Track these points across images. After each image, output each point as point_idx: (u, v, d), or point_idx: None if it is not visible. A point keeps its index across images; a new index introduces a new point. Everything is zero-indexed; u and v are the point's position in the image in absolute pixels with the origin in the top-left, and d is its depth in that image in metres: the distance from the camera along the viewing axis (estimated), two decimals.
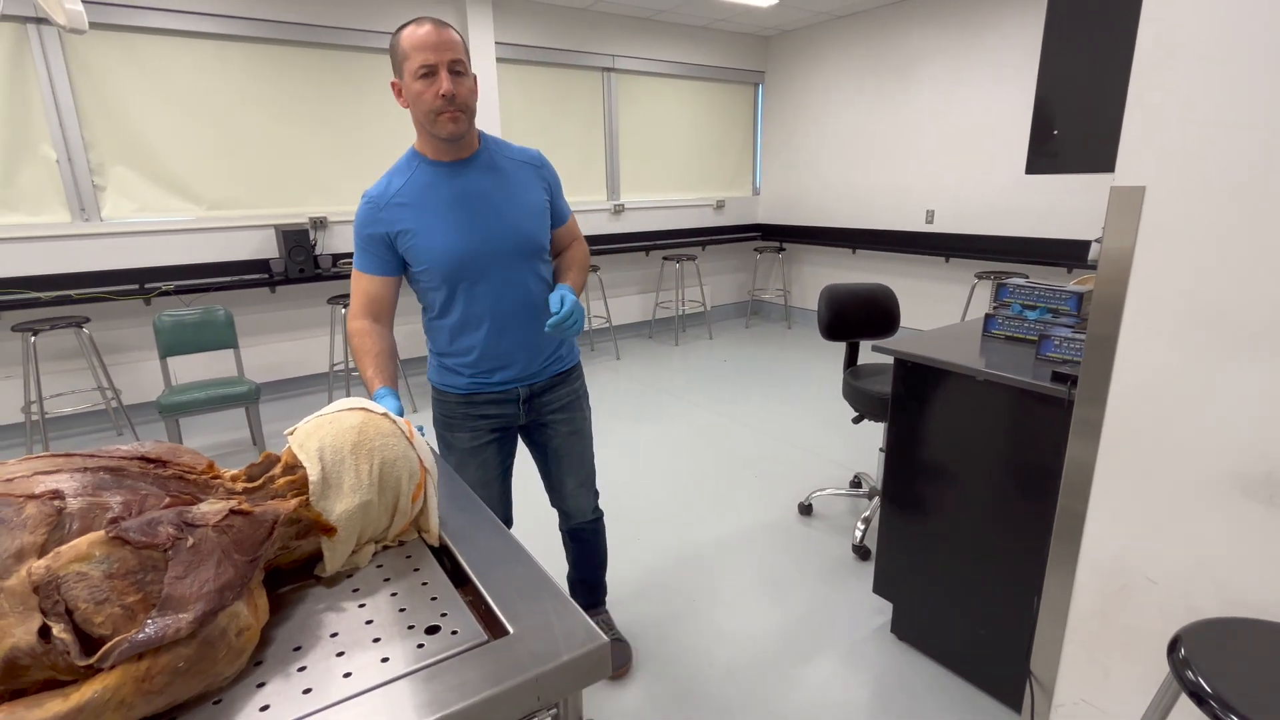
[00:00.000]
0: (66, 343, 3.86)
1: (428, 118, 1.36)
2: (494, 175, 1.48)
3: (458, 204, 1.44)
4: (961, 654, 1.89)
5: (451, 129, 1.37)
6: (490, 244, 1.45)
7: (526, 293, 1.52)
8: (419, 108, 1.36)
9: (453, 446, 1.65)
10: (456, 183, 1.45)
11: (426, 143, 1.44)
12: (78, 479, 0.70)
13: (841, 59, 5.84)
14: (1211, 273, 1.14)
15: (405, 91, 1.37)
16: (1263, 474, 1.12)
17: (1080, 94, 1.45)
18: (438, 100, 1.33)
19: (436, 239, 1.42)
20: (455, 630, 0.76)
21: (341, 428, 0.88)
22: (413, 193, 1.43)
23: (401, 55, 1.35)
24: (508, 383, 1.59)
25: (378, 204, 1.43)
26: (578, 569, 1.99)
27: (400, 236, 1.43)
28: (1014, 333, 1.93)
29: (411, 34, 1.33)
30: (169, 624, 0.61)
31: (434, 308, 1.54)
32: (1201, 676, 0.92)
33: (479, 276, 1.47)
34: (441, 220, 1.42)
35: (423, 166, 1.45)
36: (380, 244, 1.44)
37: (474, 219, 1.44)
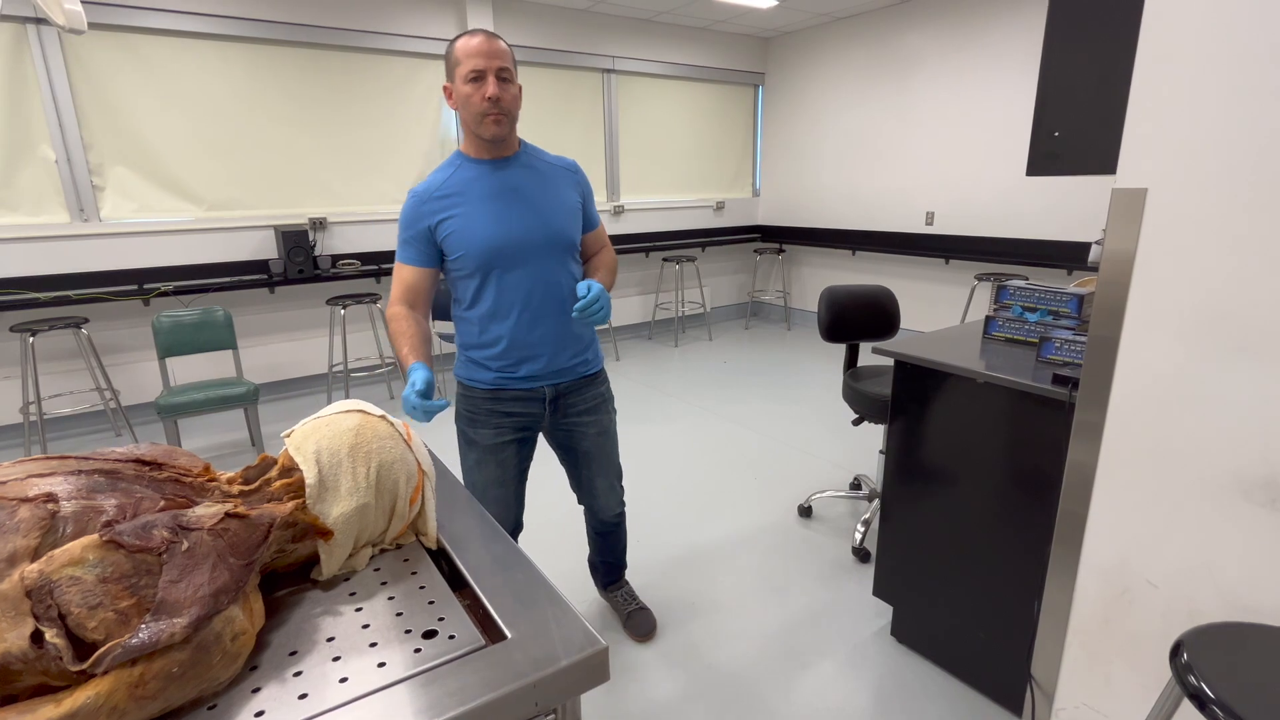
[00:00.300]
0: (65, 343, 3.85)
1: (475, 118, 1.48)
2: (532, 174, 1.59)
3: (497, 196, 1.54)
4: (962, 657, 1.88)
5: (495, 130, 1.49)
6: (525, 235, 1.54)
7: (557, 286, 1.59)
8: (467, 109, 1.48)
9: (474, 442, 1.68)
10: (497, 177, 1.56)
11: (471, 143, 1.57)
12: (72, 482, 0.70)
13: (841, 60, 5.84)
14: (1213, 275, 1.13)
15: (455, 94, 1.50)
16: (1264, 477, 1.12)
17: (1082, 95, 1.45)
18: (485, 103, 1.46)
19: (475, 227, 1.52)
20: (453, 635, 0.75)
21: (338, 430, 0.87)
22: (456, 186, 1.55)
23: (454, 61, 1.47)
24: (534, 378, 1.63)
25: (422, 198, 1.54)
26: (601, 554, 2.10)
27: (440, 226, 1.53)
28: (1014, 335, 1.93)
29: (465, 42, 1.45)
30: (163, 629, 0.61)
31: (466, 298, 1.60)
32: (1204, 681, 0.91)
33: (512, 265, 1.54)
34: (480, 210, 1.52)
35: (466, 164, 1.57)
36: (422, 237, 1.54)
37: (511, 211, 1.54)
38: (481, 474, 1.70)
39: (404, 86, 4.73)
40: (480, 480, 1.71)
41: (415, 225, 1.54)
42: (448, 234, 1.53)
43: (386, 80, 4.65)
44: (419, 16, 4.65)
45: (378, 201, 4.79)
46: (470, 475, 1.72)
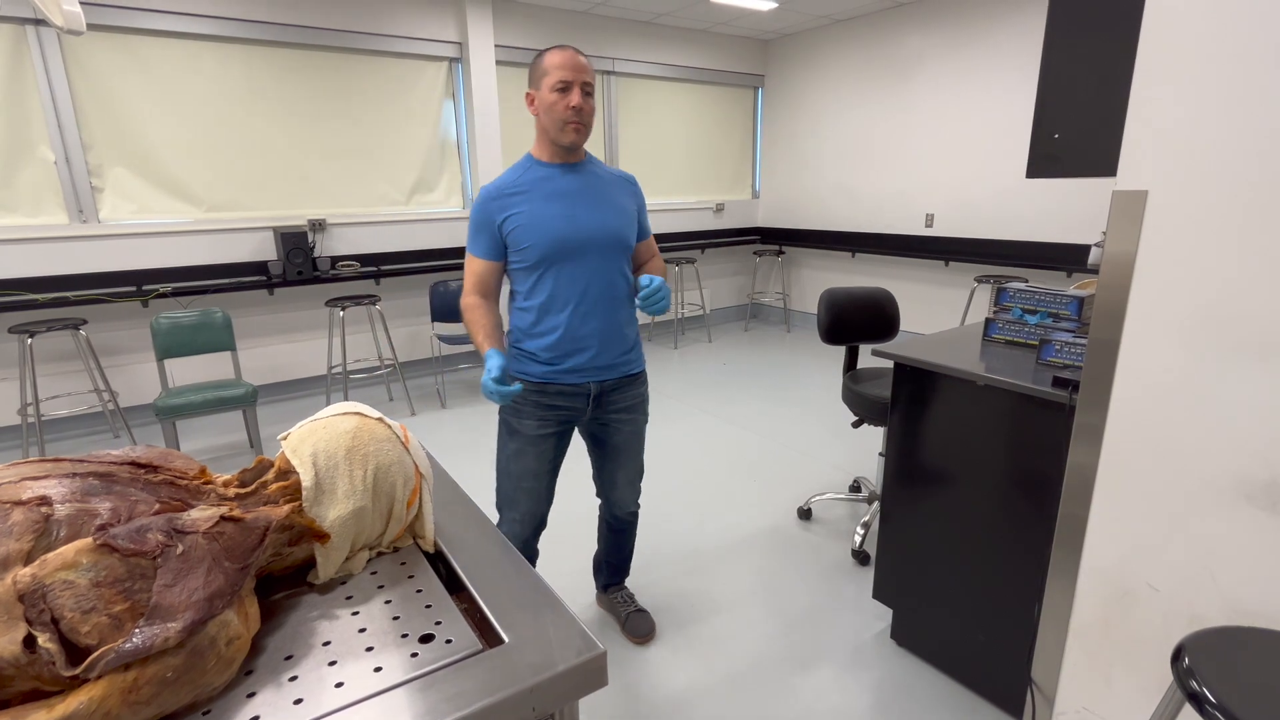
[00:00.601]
0: (63, 345, 3.85)
1: (556, 125, 1.60)
2: (595, 180, 1.72)
3: (562, 196, 1.66)
4: (962, 660, 1.88)
5: (573, 138, 1.62)
6: (585, 232, 1.65)
7: (611, 283, 1.70)
8: (550, 116, 1.60)
9: (517, 432, 1.75)
10: (564, 179, 1.68)
11: (545, 147, 1.68)
12: (66, 485, 0.69)
13: (841, 62, 5.84)
14: (1214, 278, 1.13)
15: (539, 101, 1.61)
16: (1266, 480, 1.12)
17: (1082, 97, 1.45)
18: (568, 111, 1.58)
19: (541, 221, 1.63)
20: (450, 639, 0.75)
21: (335, 433, 0.86)
22: (525, 185, 1.66)
23: (542, 71, 1.59)
24: (580, 371, 1.71)
25: (493, 195, 1.65)
26: (609, 553, 2.15)
27: (508, 220, 1.64)
28: (1014, 337, 1.93)
29: (555, 55, 1.58)
30: (157, 633, 0.60)
31: (525, 289, 1.70)
32: (1206, 685, 0.91)
33: (572, 259, 1.65)
34: (546, 206, 1.64)
35: (536, 166, 1.68)
36: (489, 229, 1.65)
37: (574, 209, 1.65)
38: (519, 464, 1.77)
39: (404, 88, 4.73)
40: (517, 470, 1.77)
41: (485, 219, 1.65)
42: (515, 227, 1.63)
43: (386, 82, 4.65)
44: (418, 18, 4.65)
45: (377, 203, 4.79)
46: (508, 464, 1.79)
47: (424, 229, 4.96)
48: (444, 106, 4.95)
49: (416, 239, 4.94)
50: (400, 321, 4.92)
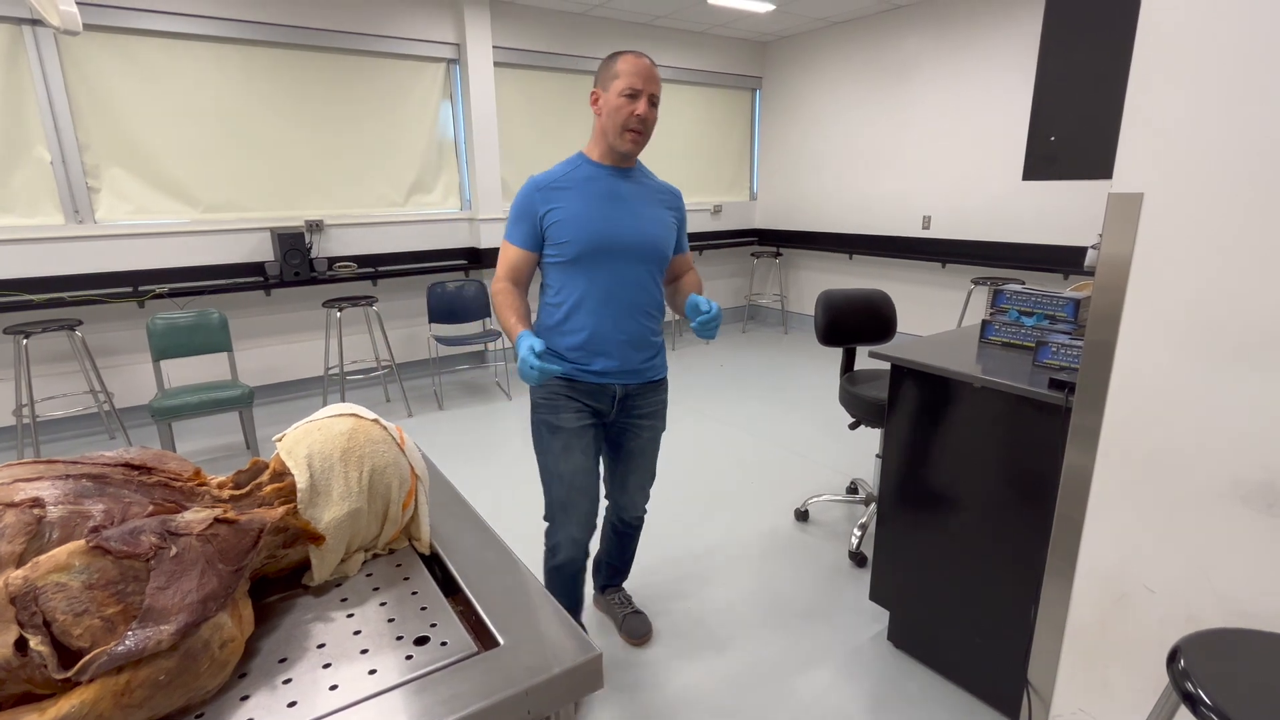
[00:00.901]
0: (59, 345, 3.83)
1: (617, 129, 1.60)
2: (641, 188, 1.72)
3: (607, 198, 1.66)
4: (959, 662, 1.88)
5: (632, 146, 1.62)
6: (625, 237, 1.65)
7: (642, 290, 1.70)
8: (614, 119, 1.60)
9: (560, 428, 1.72)
10: (611, 183, 1.68)
11: (599, 148, 1.68)
12: (59, 486, 0.69)
13: (839, 65, 5.85)
14: (1210, 280, 1.13)
15: (604, 102, 1.61)
16: (1262, 482, 1.12)
17: (1078, 100, 1.45)
18: (633, 118, 1.58)
19: (581, 219, 1.63)
20: (445, 641, 0.74)
21: (331, 434, 0.86)
22: (572, 182, 1.67)
23: (613, 74, 1.59)
24: (606, 374, 1.71)
25: (539, 186, 1.66)
26: (611, 555, 2.13)
27: (550, 213, 1.64)
28: (1011, 339, 1.93)
29: (629, 60, 1.58)
30: (149, 636, 0.60)
31: (556, 284, 1.69)
32: (1201, 688, 0.91)
33: (608, 261, 1.65)
34: (590, 206, 1.64)
35: (586, 164, 1.69)
36: (530, 220, 1.65)
37: (617, 212, 1.66)
38: (568, 461, 1.72)
39: (401, 89, 4.73)
40: (567, 469, 1.72)
41: (528, 209, 1.65)
42: (556, 221, 1.63)
43: (384, 83, 4.65)
44: (416, 20, 4.65)
45: (375, 204, 4.78)
46: (555, 465, 1.74)
47: (421, 230, 4.96)
48: (442, 108, 4.94)
49: (414, 240, 4.93)
50: (397, 323, 4.91)
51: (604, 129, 1.63)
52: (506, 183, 5.27)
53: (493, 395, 4.67)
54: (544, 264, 1.71)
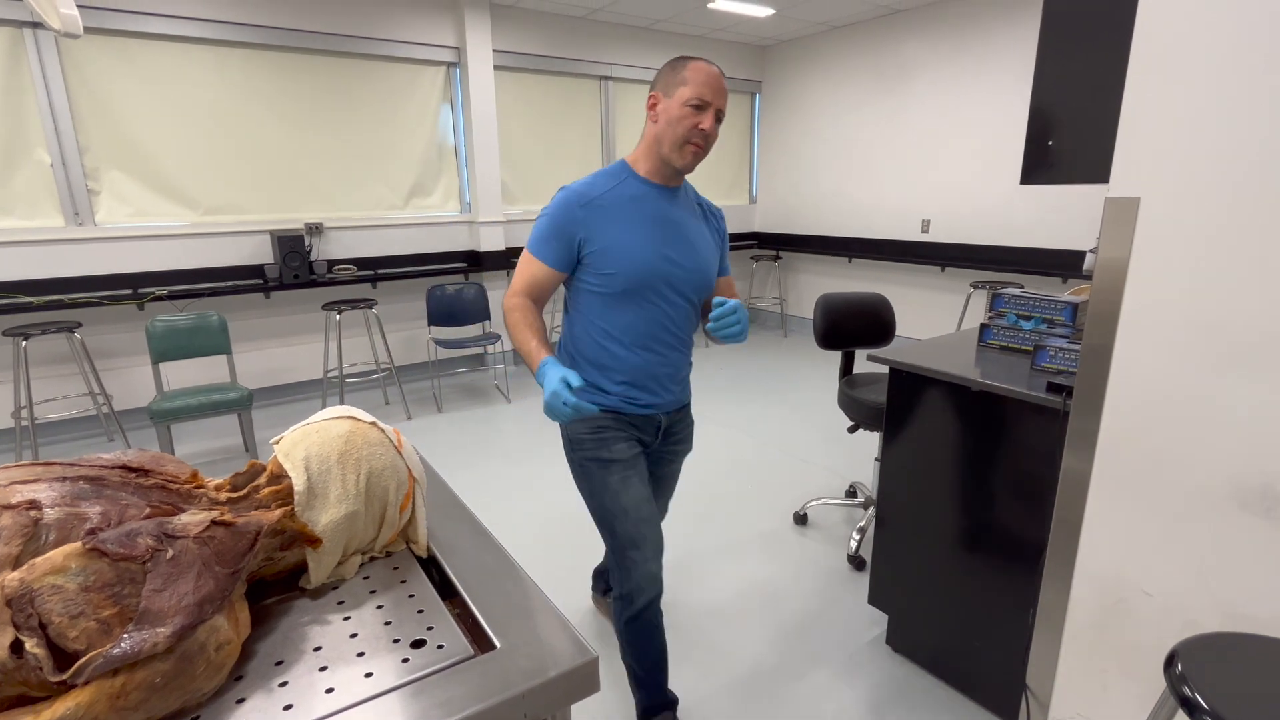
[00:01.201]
0: (58, 348, 3.83)
1: (677, 142, 1.43)
2: (690, 211, 1.57)
3: (658, 223, 1.49)
4: (957, 666, 1.88)
5: (690, 162, 1.46)
6: (677, 268, 1.49)
7: (688, 324, 1.59)
8: (674, 129, 1.42)
9: (614, 460, 1.54)
10: (661, 205, 1.50)
11: (649, 160, 1.50)
12: (56, 489, 0.69)
13: (838, 69, 5.87)
14: (1207, 284, 1.13)
15: (665, 110, 1.43)
16: (1260, 486, 1.12)
17: (1075, 105, 1.46)
18: (695, 132, 1.41)
19: (632, 249, 1.45)
20: (441, 644, 0.74)
21: (328, 437, 0.86)
22: (616, 201, 1.47)
23: (681, 80, 1.41)
24: (652, 406, 1.58)
25: (579, 202, 1.45)
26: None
27: (593, 238, 1.45)
28: (1009, 343, 1.93)
29: (700, 68, 1.41)
30: (145, 638, 0.60)
31: (594, 315, 1.51)
32: (1198, 692, 0.91)
33: (657, 296, 1.49)
34: (640, 233, 1.46)
35: (631, 180, 1.50)
36: (565, 239, 1.45)
37: (668, 241, 1.49)
38: (630, 493, 1.53)
39: (401, 92, 4.74)
40: (629, 501, 1.53)
41: (564, 227, 1.45)
42: (600, 249, 1.45)
43: (384, 86, 4.66)
44: (417, 23, 4.66)
45: (374, 207, 4.79)
46: (617, 500, 1.54)
47: (421, 233, 4.96)
48: (442, 111, 4.95)
49: (414, 243, 4.93)
50: (397, 325, 4.91)
51: (659, 138, 1.45)
52: (506, 185, 5.28)
53: (492, 398, 4.67)
54: (578, 287, 1.52)
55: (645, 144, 1.50)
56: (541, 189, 5.53)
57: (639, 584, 1.54)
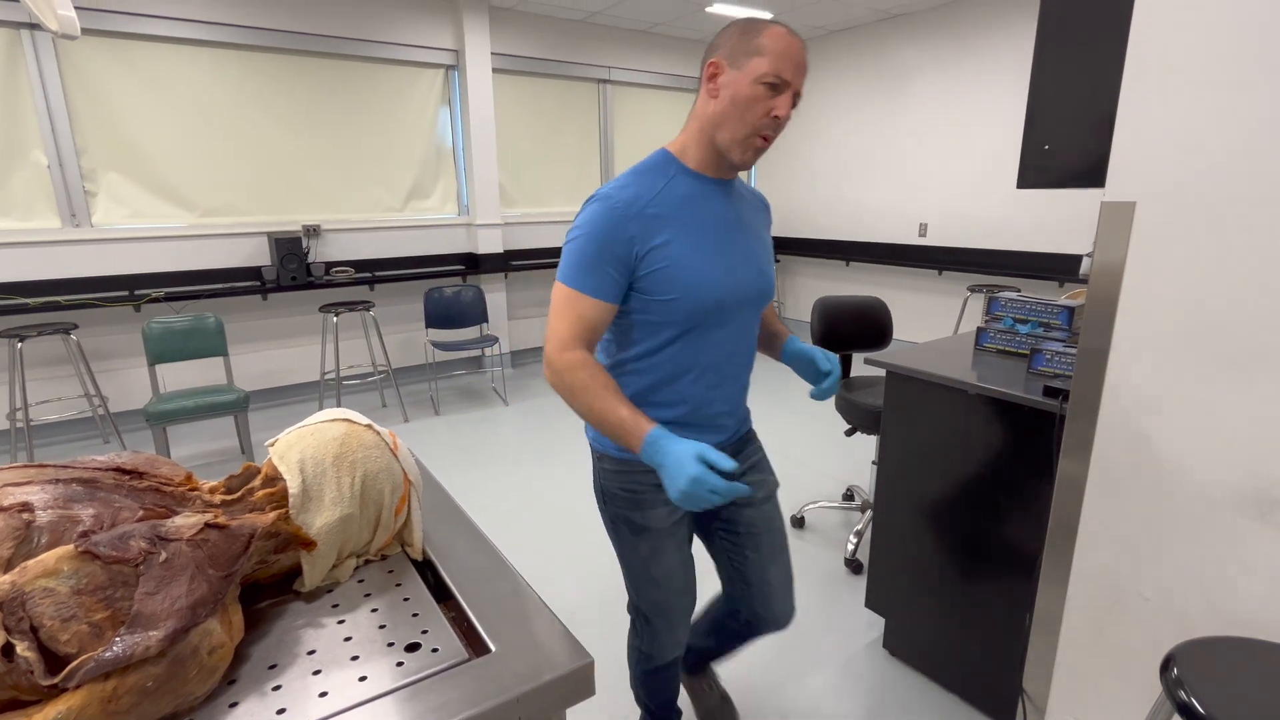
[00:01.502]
0: (54, 349, 3.82)
1: (743, 130, 1.11)
2: (746, 208, 1.27)
3: (718, 230, 1.19)
4: (954, 670, 1.88)
5: (752, 157, 1.15)
6: (744, 284, 1.21)
7: (750, 346, 1.31)
8: (742, 114, 1.10)
9: (647, 528, 1.29)
10: (717, 205, 1.20)
11: (701, 150, 1.18)
12: (48, 491, 0.69)
13: (836, 73, 5.88)
14: (1202, 288, 1.14)
15: (731, 85, 1.10)
16: (1256, 491, 1.12)
17: (1071, 109, 1.46)
18: (767, 119, 1.09)
19: (695, 266, 1.14)
20: (436, 648, 0.74)
21: (323, 439, 0.86)
22: (669, 204, 1.15)
23: (755, 48, 1.07)
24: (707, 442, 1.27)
25: (628, 211, 1.11)
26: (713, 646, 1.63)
27: (653, 255, 1.12)
28: (1006, 346, 1.93)
29: (780, 35, 1.07)
30: (137, 642, 0.59)
31: (644, 345, 1.20)
32: (1194, 696, 0.91)
33: (723, 320, 1.20)
34: (699, 244, 1.15)
35: (683, 176, 1.18)
36: (618, 262, 1.12)
37: (732, 251, 1.20)
38: (660, 564, 1.31)
39: (400, 95, 4.74)
40: (660, 572, 1.32)
41: (615, 247, 1.11)
42: (659, 268, 1.12)
43: (382, 88, 4.66)
44: (415, 26, 4.66)
45: (372, 209, 4.79)
46: (644, 570, 1.33)
47: (419, 235, 4.96)
48: (440, 113, 4.96)
49: (411, 245, 4.93)
50: (394, 328, 4.91)
51: (718, 121, 1.12)
52: (504, 188, 5.28)
53: (489, 401, 4.67)
54: (629, 315, 1.19)
55: (697, 126, 1.17)
56: (539, 191, 5.54)
57: (662, 649, 1.40)
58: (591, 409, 1.09)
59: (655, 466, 1.02)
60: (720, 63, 1.11)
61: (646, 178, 1.17)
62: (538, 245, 5.54)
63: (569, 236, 1.15)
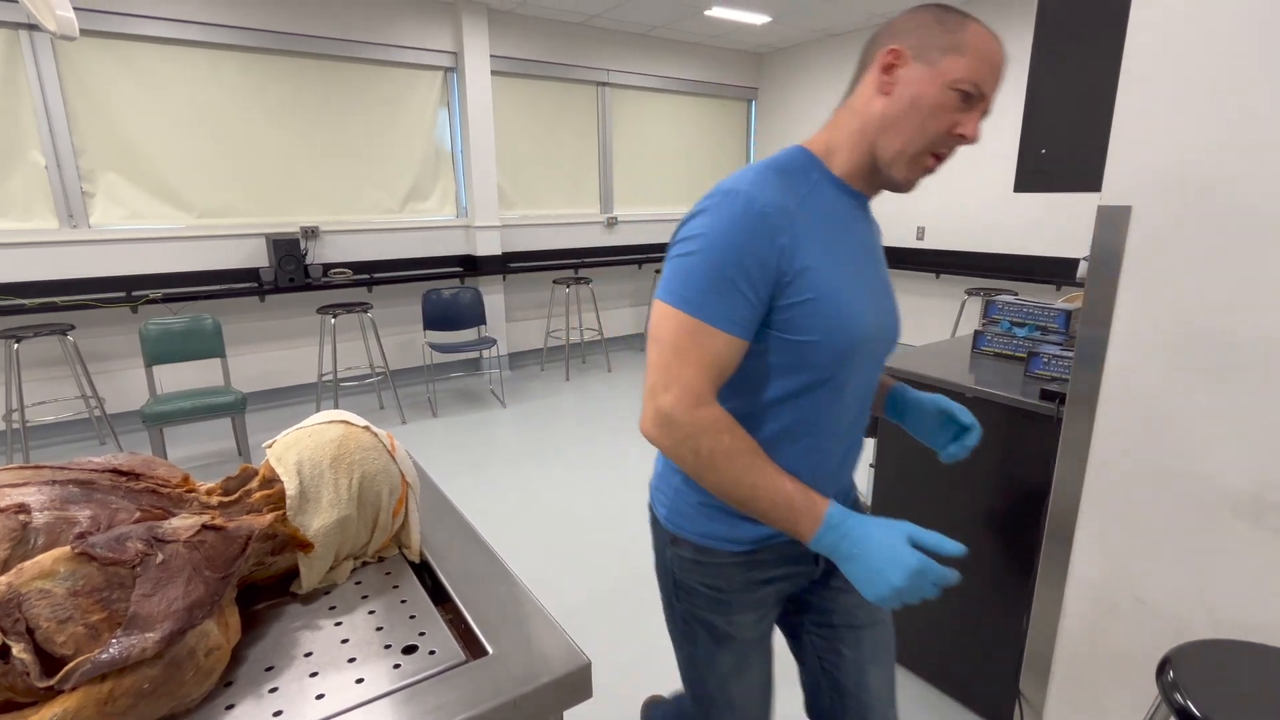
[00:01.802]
0: (50, 350, 3.81)
1: (916, 141, 0.87)
2: (876, 233, 1.03)
3: (859, 257, 0.93)
4: (951, 673, 1.88)
5: (915, 178, 0.91)
6: (884, 328, 0.96)
7: (869, 404, 1.03)
8: (921, 123, 0.86)
9: (729, 638, 1.02)
10: (860, 226, 0.96)
11: (854, 153, 0.92)
12: (45, 492, 0.68)
13: (834, 76, 5.90)
14: (1198, 292, 1.14)
15: (916, 84, 0.86)
16: (1252, 494, 1.12)
17: (1068, 113, 1.47)
18: (950, 136, 0.87)
19: (844, 301, 0.88)
20: (433, 650, 0.74)
21: (321, 441, 0.86)
22: (814, 217, 0.88)
23: (954, 45, 0.85)
24: None
25: (777, 219, 0.84)
26: None
27: (800, 281, 0.85)
28: (1003, 349, 1.94)
29: (986, 37, 0.86)
30: (134, 644, 0.59)
31: (747, 397, 0.92)
32: (1191, 699, 0.91)
33: (858, 367, 0.94)
34: (846, 274, 0.90)
35: (825, 184, 0.92)
36: (763, 283, 0.84)
37: (871, 285, 0.94)
38: (743, 683, 1.05)
39: (398, 97, 4.74)
40: (738, 692, 1.05)
41: (762, 261, 0.83)
42: (805, 299, 0.86)
43: (381, 90, 4.66)
44: (414, 28, 4.67)
45: (371, 211, 4.79)
46: (723, 689, 1.05)
47: (417, 237, 4.96)
48: (439, 115, 4.96)
49: (409, 247, 4.93)
50: (392, 329, 4.91)
51: (885, 124, 0.88)
52: (503, 190, 5.28)
53: (487, 403, 4.66)
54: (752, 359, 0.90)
55: (858, 126, 0.91)
56: (538, 194, 5.54)
57: None
58: (741, 484, 0.82)
59: (840, 557, 0.80)
60: (904, 52, 0.87)
61: (788, 180, 0.90)
62: (536, 247, 5.55)
63: (683, 246, 0.86)
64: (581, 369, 5.52)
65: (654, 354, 0.86)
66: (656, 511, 1.06)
